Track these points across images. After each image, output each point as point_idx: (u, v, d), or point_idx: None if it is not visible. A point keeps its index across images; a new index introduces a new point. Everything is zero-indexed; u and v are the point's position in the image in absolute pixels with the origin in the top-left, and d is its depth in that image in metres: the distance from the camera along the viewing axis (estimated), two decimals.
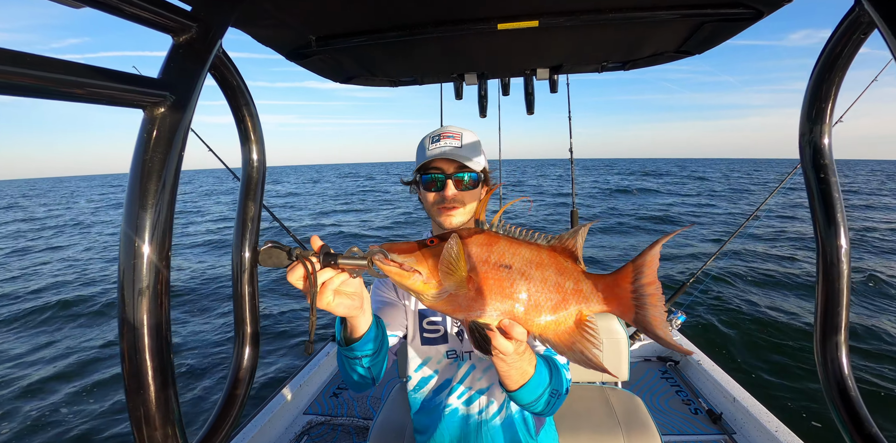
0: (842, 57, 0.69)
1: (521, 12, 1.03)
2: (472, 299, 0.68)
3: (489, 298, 0.67)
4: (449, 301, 0.68)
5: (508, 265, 0.68)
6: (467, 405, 1.24)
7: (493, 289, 0.67)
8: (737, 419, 2.46)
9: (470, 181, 1.17)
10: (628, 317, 0.67)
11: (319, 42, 1.14)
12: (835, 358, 0.70)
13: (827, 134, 0.74)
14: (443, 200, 1.16)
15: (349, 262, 0.75)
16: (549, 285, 0.68)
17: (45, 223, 20.66)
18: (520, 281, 0.67)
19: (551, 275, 0.68)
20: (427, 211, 1.24)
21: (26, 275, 9.70)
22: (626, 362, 2.08)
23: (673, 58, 1.45)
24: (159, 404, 0.51)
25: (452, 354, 1.24)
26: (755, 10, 1.01)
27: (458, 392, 1.24)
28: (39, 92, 0.40)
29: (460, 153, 1.16)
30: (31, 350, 5.53)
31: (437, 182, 1.16)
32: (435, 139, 1.19)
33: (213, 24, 0.60)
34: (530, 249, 0.70)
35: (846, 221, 0.72)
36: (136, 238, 0.49)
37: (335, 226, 15.52)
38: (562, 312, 0.68)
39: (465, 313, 0.69)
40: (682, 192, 27.33)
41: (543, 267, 0.68)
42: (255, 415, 2.44)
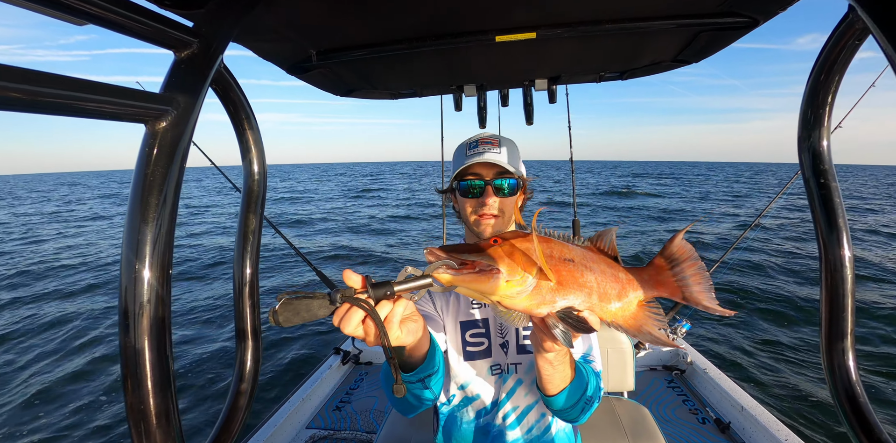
0: (837, 62, 0.70)
1: (518, 24, 1.04)
2: (554, 291, 0.68)
3: (569, 287, 0.69)
4: (533, 295, 0.67)
5: (571, 259, 0.70)
6: (516, 425, 1.17)
7: (569, 280, 0.69)
8: (745, 429, 2.42)
9: (509, 188, 1.13)
10: (678, 296, 0.70)
11: (320, 56, 1.16)
12: (842, 364, 0.70)
13: (825, 139, 0.74)
14: (481, 206, 1.12)
15: (407, 286, 0.64)
16: (609, 276, 0.72)
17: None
18: (587, 273, 0.70)
19: (605, 267, 0.72)
20: (463, 219, 1.19)
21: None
22: (631, 372, 2.06)
23: (670, 67, 1.47)
24: (159, 411, 0.50)
25: (497, 369, 1.17)
26: (750, 19, 1.02)
27: (504, 409, 1.16)
28: (43, 108, 0.40)
29: (499, 159, 1.12)
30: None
31: (476, 189, 1.13)
32: (473, 145, 1.16)
33: (215, 40, 0.61)
34: (580, 248, 0.73)
35: (848, 225, 0.72)
36: (137, 251, 0.50)
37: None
38: (625, 299, 0.72)
39: (551, 305, 0.69)
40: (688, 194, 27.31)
41: (597, 262, 0.72)
42: (258, 429, 2.41)
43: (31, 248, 13.08)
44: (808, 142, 0.75)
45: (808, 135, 0.74)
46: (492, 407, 1.17)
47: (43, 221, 20.06)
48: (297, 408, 2.64)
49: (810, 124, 0.74)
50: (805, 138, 0.75)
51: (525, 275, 0.66)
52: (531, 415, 1.17)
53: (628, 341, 2.05)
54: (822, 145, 0.74)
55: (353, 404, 2.85)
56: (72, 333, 6.26)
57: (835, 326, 0.71)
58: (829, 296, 0.72)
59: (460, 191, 1.15)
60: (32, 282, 9.09)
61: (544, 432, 1.18)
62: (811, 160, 0.74)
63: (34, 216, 22.52)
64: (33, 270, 9.99)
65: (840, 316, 0.71)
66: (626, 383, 2.06)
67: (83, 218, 21.06)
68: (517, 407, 1.17)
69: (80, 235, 15.50)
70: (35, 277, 9.46)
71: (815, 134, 0.74)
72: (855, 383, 0.69)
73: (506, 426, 1.16)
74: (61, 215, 22.57)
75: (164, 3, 0.66)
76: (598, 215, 18.49)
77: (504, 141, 1.19)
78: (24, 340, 6.10)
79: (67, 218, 21.23)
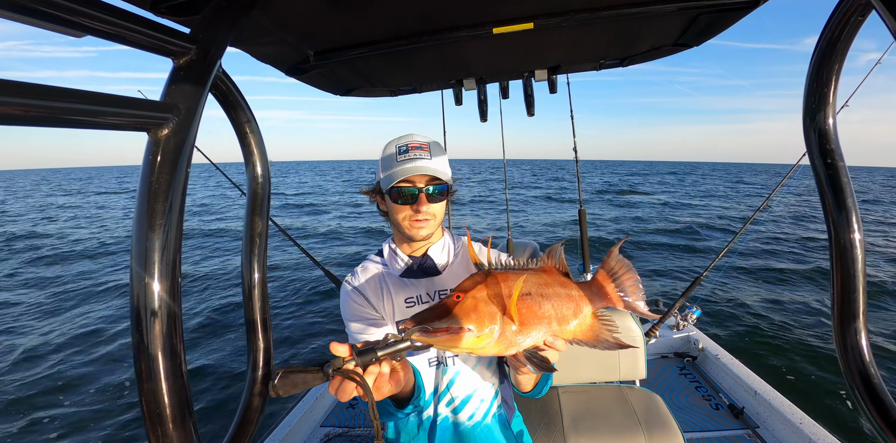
0: (840, 40, 0.68)
1: (515, 15, 1.03)
2: (517, 333, 0.73)
3: (530, 325, 0.75)
4: (500, 342, 0.72)
5: (528, 293, 0.76)
6: (457, 413, 1.23)
7: (529, 317, 0.75)
8: (759, 413, 2.42)
9: (441, 193, 1.17)
10: (620, 305, 0.81)
11: (318, 56, 1.15)
12: (855, 345, 0.69)
13: (831, 118, 0.73)
14: (416, 212, 1.16)
15: (389, 351, 0.70)
16: (563, 298, 0.78)
17: None
18: (543, 302, 0.77)
19: (560, 289, 0.79)
20: (393, 222, 1.22)
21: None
22: (643, 360, 2.06)
23: (671, 51, 1.45)
24: (174, 415, 0.51)
25: (434, 361, 1.24)
26: (750, 0, 1.00)
27: (445, 399, 1.23)
28: (43, 121, 0.40)
29: (432, 166, 1.15)
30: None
31: (410, 196, 1.15)
32: (403, 150, 1.17)
33: (212, 45, 0.61)
34: (532, 274, 0.80)
35: (857, 205, 0.71)
36: (145, 259, 0.50)
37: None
38: (580, 315, 0.79)
39: (517, 346, 0.74)
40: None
41: (550, 285, 0.79)
42: (273, 429, 2.44)
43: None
44: (813, 122, 0.73)
45: (814, 114, 0.73)
46: (433, 397, 1.24)
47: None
48: (312, 406, 2.67)
49: (815, 104, 0.73)
50: (810, 119, 0.74)
51: (491, 327, 0.71)
52: (472, 402, 1.24)
53: (639, 329, 2.05)
54: (827, 124, 0.73)
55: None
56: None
57: (846, 307, 0.70)
58: (840, 277, 0.71)
59: (392, 197, 1.17)
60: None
61: (484, 418, 1.25)
62: (817, 140, 0.73)
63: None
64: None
65: (851, 297, 0.70)
66: (637, 372, 2.07)
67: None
68: (457, 396, 1.23)
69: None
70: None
71: (821, 114, 0.73)
72: (869, 363, 0.68)
73: (448, 414, 1.24)
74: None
75: (160, 12, 0.66)
76: (598, 208, 18.45)
77: (432, 146, 1.21)
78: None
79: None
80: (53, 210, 24.18)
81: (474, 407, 1.24)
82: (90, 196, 34.31)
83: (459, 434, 1.23)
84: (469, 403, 1.24)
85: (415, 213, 1.16)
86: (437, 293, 1.23)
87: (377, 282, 1.27)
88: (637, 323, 2.05)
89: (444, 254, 1.27)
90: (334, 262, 10.15)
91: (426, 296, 1.23)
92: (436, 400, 1.23)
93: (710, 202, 19.81)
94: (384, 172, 1.19)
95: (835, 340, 0.72)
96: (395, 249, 1.28)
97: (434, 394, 1.23)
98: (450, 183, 1.19)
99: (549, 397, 2.01)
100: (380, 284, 1.26)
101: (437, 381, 1.23)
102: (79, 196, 34.46)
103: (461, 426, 1.23)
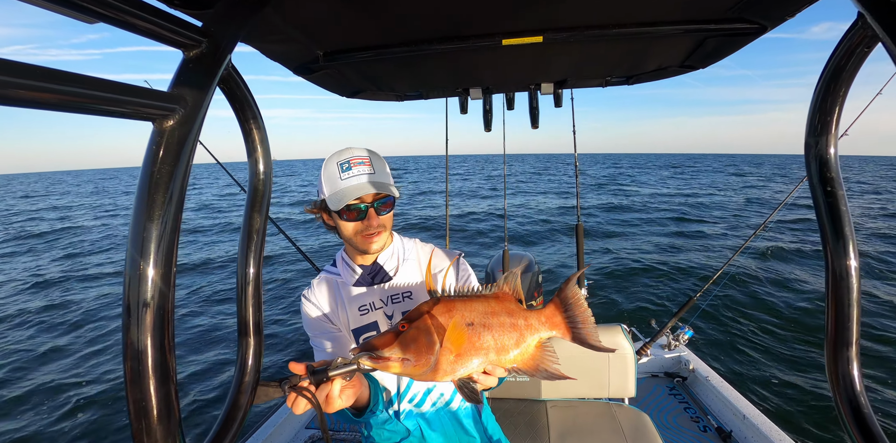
0: (846, 70, 0.69)
1: (525, 28, 1.04)
2: (454, 363, 0.78)
3: (466, 356, 0.78)
4: (436, 371, 0.77)
5: (471, 323, 0.79)
6: (420, 406, 1.32)
7: (468, 348, 0.78)
8: (747, 437, 2.40)
9: (387, 205, 1.20)
10: (568, 336, 0.83)
11: (327, 57, 1.16)
12: (846, 374, 0.69)
13: (833, 147, 0.73)
14: (367, 227, 1.18)
15: (339, 372, 0.81)
16: (507, 328, 0.80)
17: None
18: (484, 333, 0.79)
19: (505, 319, 0.81)
20: (345, 238, 1.24)
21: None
22: (632, 379, 2.04)
23: (677, 72, 1.46)
24: (160, 408, 0.51)
25: None
26: (758, 26, 1.02)
27: (409, 395, 1.31)
28: (52, 105, 0.40)
29: (377, 180, 1.16)
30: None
31: (359, 213, 1.16)
32: (346, 168, 1.17)
33: (223, 40, 0.61)
34: (482, 303, 0.82)
35: (854, 234, 0.72)
36: (142, 248, 0.50)
37: None
38: (523, 344, 0.81)
39: (452, 375, 0.79)
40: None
41: (497, 314, 0.81)
42: (257, 429, 2.41)
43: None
44: (815, 149, 0.74)
45: (816, 142, 0.74)
46: (396, 396, 1.31)
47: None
48: None
49: (818, 131, 0.74)
50: (812, 145, 0.75)
51: (428, 357, 0.76)
52: (432, 395, 1.33)
53: (629, 347, 2.04)
54: (829, 153, 0.73)
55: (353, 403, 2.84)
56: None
57: (840, 335, 0.70)
58: (835, 305, 0.71)
59: (342, 215, 1.18)
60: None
61: (446, 404, 1.34)
62: (818, 168, 0.74)
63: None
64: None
65: (845, 325, 0.70)
66: (627, 390, 2.05)
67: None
68: (418, 392, 1.32)
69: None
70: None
71: (823, 141, 0.73)
72: (859, 393, 0.68)
73: (412, 406, 1.32)
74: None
75: (173, 3, 0.66)
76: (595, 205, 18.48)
77: (373, 158, 1.20)
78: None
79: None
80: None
81: (434, 398, 1.33)
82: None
83: (426, 420, 1.32)
84: (430, 395, 1.33)
85: (366, 228, 1.18)
86: (390, 298, 1.28)
87: (332, 293, 1.31)
88: (629, 341, 2.04)
89: (394, 258, 1.31)
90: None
91: (379, 302, 1.28)
92: (398, 399, 1.31)
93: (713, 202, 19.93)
94: (330, 190, 1.18)
95: (827, 367, 0.72)
96: (347, 260, 1.32)
97: (397, 393, 1.31)
98: (395, 194, 1.18)
99: (537, 410, 2.00)
100: (335, 294, 1.31)
101: (399, 382, 1.31)
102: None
103: (426, 414, 1.32)
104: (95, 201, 30.34)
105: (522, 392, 2.12)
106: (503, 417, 1.94)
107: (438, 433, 1.32)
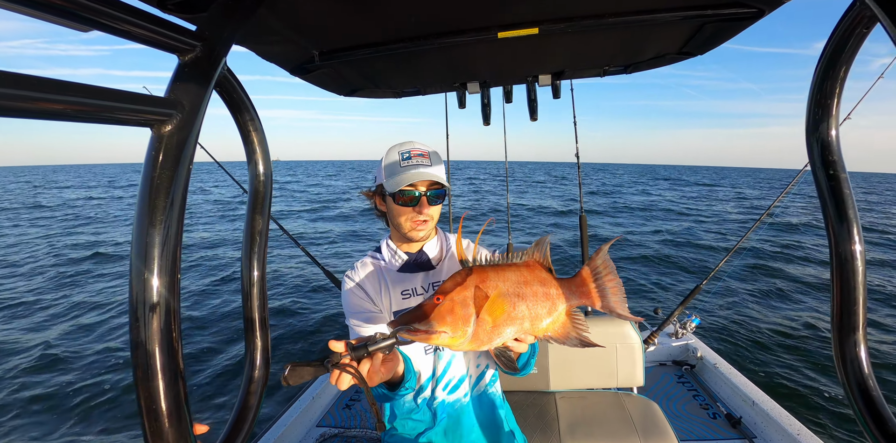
0: (845, 51, 0.68)
1: (520, 20, 1.03)
2: (490, 332, 0.78)
3: (502, 326, 0.79)
4: (473, 341, 0.78)
5: (505, 293, 0.80)
6: (453, 392, 1.36)
7: (502, 317, 0.79)
8: (757, 423, 2.41)
9: (439, 197, 1.27)
10: (598, 304, 0.83)
11: (323, 56, 1.16)
12: (854, 357, 0.69)
13: (834, 129, 0.73)
14: (417, 215, 1.25)
15: (379, 347, 0.82)
16: (540, 297, 0.81)
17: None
18: (519, 303, 0.80)
19: (538, 288, 0.81)
20: (394, 222, 1.30)
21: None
22: (641, 368, 2.05)
23: (675, 59, 1.45)
24: (170, 412, 0.51)
25: (430, 349, 1.34)
26: (756, 9, 1.01)
27: (443, 382, 1.35)
28: (49, 115, 0.40)
29: (432, 172, 1.24)
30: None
31: (413, 200, 1.23)
32: (406, 157, 1.26)
33: (218, 43, 0.61)
34: (514, 272, 0.82)
35: (858, 216, 0.71)
36: (145, 254, 0.50)
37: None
38: (555, 313, 0.82)
39: (489, 344, 0.80)
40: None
41: (529, 283, 0.81)
42: (269, 428, 2.43)
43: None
44: (816, 133, 0.74)
45: (817, 126, 0.73)
46: (430, 380, 1.35)
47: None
48: (308, 406, 2.66)
49: (818, 115, 0.73)
50: (813, 129, 0.74)
51: (465, 329, 0.77)
52: (466, 382, 1.38)
53: (637, 336, 2.05)
54: (830, 136, 0.73)
55: (363, 403, 2.86)
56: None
57: (846, 319, 0.70)
58: (840, 288, 0.71)
59: (396, 200, 1.24)
60: None
61: (481, 394, 1.40)
62: (820, 151, 0.73)
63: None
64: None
65: (851, 309, 0.70)
66: (635, 379, 2.06)
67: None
68: (454, 377, 1.36)
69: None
70: None
71: (824, 125, 0.73)
72: (868, 375, 0.68)
73: (446, 394, 1.36)
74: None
75: (167, 8, 0.66)
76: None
77: (432, 155, 1.31)
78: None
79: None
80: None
81: (469, 385, 1.38)
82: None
83: (457, 410, 1.35)
84: (464, 382, 1.37)
85: (416, 215, 1.25)
86: (432, 285, 1.33)
87: (375, 276, 1.35)
88: (636, 330, 2.05)
89: (438, 250, 1.37)
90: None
91: (421, 288, 1.33)
92: (433, 384, 1.34)
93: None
94: (388, 175, 1.26)
95: (834, 351, 0.72)
96: (393, 247, 1.37)
97: (431, 378, 1.35)
98: (447, 188, 1.29)
99: (547, 402, 2.01)
100: (378, 278, 1.35)
101: (435, 365, 1.34)
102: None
103: (458, 403, 1.35)
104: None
105: (531, 384, 2.13)
106: (512, 409, 1.94)
107: (471, 422, 1.36)
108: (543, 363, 2.12)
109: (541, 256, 0.85)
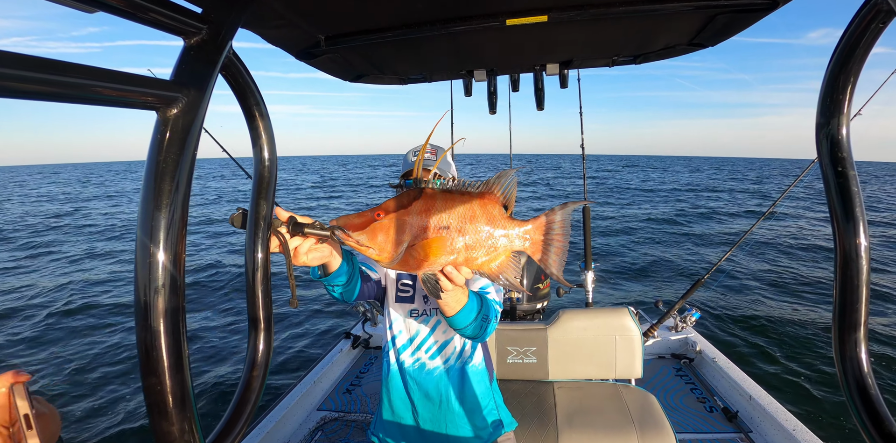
0: (860, 47, 0.67)
1: (529, 7, 1.02)
2: (420, 260, 0.80)
3: (434, 256, 0.80)
4: (402, 264, 0.81)
5: (446, 226, 0.80)
6: (436, 356, 1.45)
7: (436, 249, 0.80)
8: (753, 418, 2.43)
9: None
10: (537, 257, 0.83)
11: (329, 41, 1.14)
12: (854, 356, 0.69)
13: (845, 126, 0.72)
14: None
15: (314, 232, 0.86)
16: (482, 235, 0.81)
17: None
18: (457, 237, 0.80)
19: (483, 225, 0.81)
20: None
21: None
22: (639, 360, 2.06)
23: (686, 51, 1.43)
24: (174, 392, 0.52)
25: (415, 313, 1.46)
26: (769, 1, 0.99)
27: (427, 344, 1.46)
28: (55, 96, 0.40)
29: (432, 165, 1.42)
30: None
31: (402, 186, 1.36)
32: (415, 153, 1.45)
33: (224, 26, 0.60)
34: (464, 204, 0.81)
35: (865, 215, 0.71)
36: (151, 237, 0.50)
37: None
38: (493, 253, 0.82)
39: (417, 270, 0.83)
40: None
41: (475, 219, 0.80)
42: (270, 411, 2.47)
43: None
44: (826, 129, 0.72)
45: (827, 121, 0.72)
46: (410, 342, 1.46)
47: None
48: (309, 391, 2.70)
49: (829, 111, 0.72)
50: (823, 125, 0.73)
51: (392, 253, 0.79)
52: (448, 347, 1.46)
53: (637, 328, 2.05)
54: (840, 132, 0.71)
55: (363, 387, 2.91)
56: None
57: (847, 317, 0.70)
58: (843, 286, 0.70)
59: (405, 188, 1.36)
60: None
61: (460, 363, 1.46)
62: (829, 147, 0.72)
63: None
64: None
65: (853, 307, 0.69)
66: (633, 371, 2.07)
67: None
68: (437, 341, 1.46)
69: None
70: None
71: (835, 121, 0.72)
72: (867, 374, 0.68)
73: (427, 358, 1.45)
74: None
75: None
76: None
77: (439, 151, 1.50)
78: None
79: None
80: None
81: (450, 352, 1.46)
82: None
83: (435, 377, 1.44)
84: (447, 347, 1.46)
85: None
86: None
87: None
88: (635, 323, 2.06)
89: None
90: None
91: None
92: (417, 345, 1.46)
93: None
94: (402, 170, 1.50)
95: (834, 349, 0.71)
96: None
97: (413, 339, 1.46)
98: (450, 176, 1.49)
99: (545, 391, 2.03)
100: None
101: (421, 329, 1.46)
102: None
103: (438, 368, 1.44)
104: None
105: (530, 374, 2.15)
106: (511, 398, 1.97)
107: (448, 392, 1.43)
108: (542, 353, 2.13)
109: (499, 190, 0.82)
